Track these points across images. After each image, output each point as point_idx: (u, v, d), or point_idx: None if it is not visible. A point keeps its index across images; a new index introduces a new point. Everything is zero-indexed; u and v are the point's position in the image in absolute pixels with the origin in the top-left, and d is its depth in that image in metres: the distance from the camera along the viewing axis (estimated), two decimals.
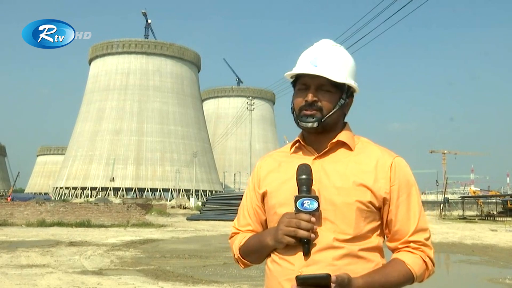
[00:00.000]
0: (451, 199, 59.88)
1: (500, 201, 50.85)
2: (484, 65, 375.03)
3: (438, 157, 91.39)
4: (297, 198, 1.37)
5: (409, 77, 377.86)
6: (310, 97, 1.45)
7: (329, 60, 1.47)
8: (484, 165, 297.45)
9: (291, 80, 1.55)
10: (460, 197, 64.82)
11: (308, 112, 1.45)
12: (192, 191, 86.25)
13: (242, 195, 1.68)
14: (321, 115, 1.45)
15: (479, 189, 78.05)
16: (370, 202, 1.41)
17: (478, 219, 41.00)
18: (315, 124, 1.45)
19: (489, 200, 55.31)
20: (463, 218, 41.54)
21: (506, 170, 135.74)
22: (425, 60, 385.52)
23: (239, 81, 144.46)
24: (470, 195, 64.70)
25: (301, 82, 1.49)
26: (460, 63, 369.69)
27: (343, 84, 1.48)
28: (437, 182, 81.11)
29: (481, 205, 50.58)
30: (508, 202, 46.86)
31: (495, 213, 45.71)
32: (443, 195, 53.81)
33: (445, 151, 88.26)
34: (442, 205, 48.55)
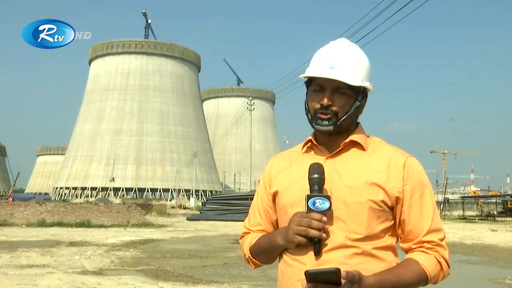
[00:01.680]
0: (451, 199, 59.95)
1: (500, 201, 50.89)
2: (484, 65, 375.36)
3: (438, 157, 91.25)
4: (308, 197, 1.36)
5: (409, 77, 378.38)
6: (325, 101, 1.42)
7: (345, 62, 1.44)
8: (484, 165, 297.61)
9: (305, 79, 1.52)
10: (460, 197, 64.86)
11: (324, 116, 1.44)
12: (192, 191, 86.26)
13: (242, 195, 1.68)
14: (336, 118, 1.43)
15: (479, 189, 78.10)
16: (383, 201, 1.39)
17: (478, 219, 41.02)
18: (330, 128, 1.43)
19: (489, 200, 55.33)
20: (463, 218, 41.56)
21: (506, 170, 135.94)
22: (425, 60, 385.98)
23: (239, 81, 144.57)
24: (470, 195, 64.73)
25: (317, 83, 1.46)
26: (460, 63, 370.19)
27: (359, 87, 1.46)
28: (437, 182, 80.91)
29: (481, 205, 50.61)
30: (508, 202, 46.89)
31: (495, 213, 45.73)
32: (443, 195, 53.84)
33: (445, 151, 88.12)
34: (442, 205, 48.57)
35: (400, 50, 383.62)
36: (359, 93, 1.47)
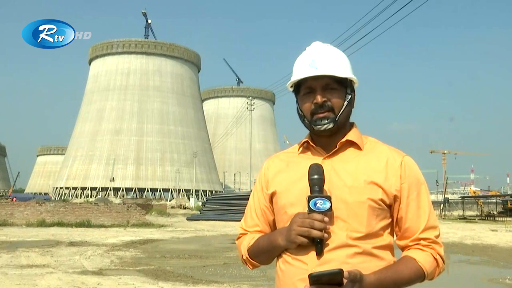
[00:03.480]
0: (451, 199, 59.96)
1: (500, 201, 50.92)
2: (484, 65, 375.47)
3: (438, 157, 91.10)
4: (309, 198, 1.37)
5: (410, 77, 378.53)
6: (319, 98, 1.45)
7: (327, 59, 1.48)
8: (484, 165, 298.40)
9: (292, 89, 1.55)
10: (460, 197, 64.88)
11: (321, 115, 1.45)
12: (192, 191, 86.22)
13: (242, 195, 1.68)
14: (334, 114, 1.45)
15: (479, 189, 78.13)
16: (381, 200, 1.42)
17: (478, 219, 41.00)
18: (330, 125, 1.45)
19: (489, 200, 55.33)
20: (463, 218, 41.56)
21: (506, 170, 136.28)
22: (425, 60, 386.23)
23: (239, 81, 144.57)
24: (470, 195, 64.71)
25: (305, 86, 1.48)
26: (460, 63, 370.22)
27: (346, 79, 1.49)
28: (437, 182, 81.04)
29: (481, 205, 50.57)
30: (508, 202, 46.90)
31: (495, 213, 45.71)
32: (443, 195, 53.88)
33: (445, 151, 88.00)
34: (442, 205, 48.55)
35: (400, 50, 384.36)
36: (347, 86, 1.50)
